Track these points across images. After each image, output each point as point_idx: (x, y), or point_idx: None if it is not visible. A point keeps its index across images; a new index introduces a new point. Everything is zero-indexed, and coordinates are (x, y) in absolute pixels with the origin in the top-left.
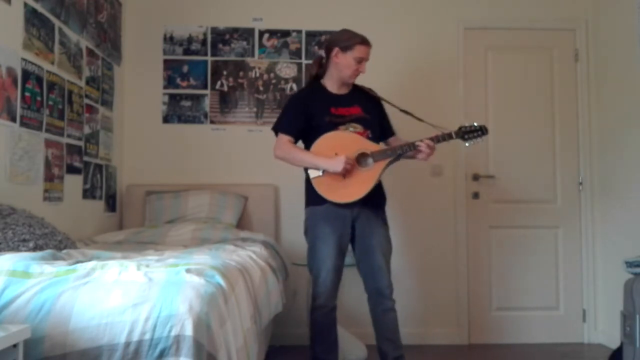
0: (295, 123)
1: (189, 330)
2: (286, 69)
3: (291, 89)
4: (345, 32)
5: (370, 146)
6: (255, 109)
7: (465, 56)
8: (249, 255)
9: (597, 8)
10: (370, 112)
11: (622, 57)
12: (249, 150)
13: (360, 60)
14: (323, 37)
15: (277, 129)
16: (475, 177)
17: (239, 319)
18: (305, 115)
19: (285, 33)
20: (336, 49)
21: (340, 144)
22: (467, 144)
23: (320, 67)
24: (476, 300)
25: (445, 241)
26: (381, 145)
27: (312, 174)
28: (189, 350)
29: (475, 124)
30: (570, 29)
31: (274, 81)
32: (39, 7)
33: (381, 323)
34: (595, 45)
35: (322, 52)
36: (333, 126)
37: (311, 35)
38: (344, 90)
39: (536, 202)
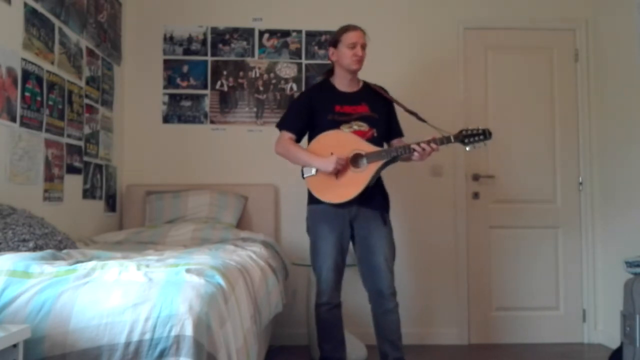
0: (297, 121)
1: (189, 330)
2: (286, 69)
3: (291, 89)
4: (336, 31)
5: (367, 147)
6: (255, 109)
7: (465, 56)
8: (249, 255)
9: (597, 8)
10: (377, 111)
11: (622, 57)
12: (249, 150)
13: (353, 46)
14: (323, 37)
15: (280, 126)
16: (475, 177)
17: (239, 319)
18: (309, 112)
19: (285, 33)
20: (330, 49)
21: (337, 143)
22: (467, 148)
23: (331, 71)
24: (476, 300)
25: (445, 241)
26: (384, 147)
27: (306, 173)
28: (189, 351)
29: (479, 128)
30: (570, 29)
31: (274, 81)
32: (39, 7)
33: (381, 324)
34: (595, 45)
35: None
36: (335, 124)
37: (311, 35)
38: (352, 88)
39: (536, 202)
